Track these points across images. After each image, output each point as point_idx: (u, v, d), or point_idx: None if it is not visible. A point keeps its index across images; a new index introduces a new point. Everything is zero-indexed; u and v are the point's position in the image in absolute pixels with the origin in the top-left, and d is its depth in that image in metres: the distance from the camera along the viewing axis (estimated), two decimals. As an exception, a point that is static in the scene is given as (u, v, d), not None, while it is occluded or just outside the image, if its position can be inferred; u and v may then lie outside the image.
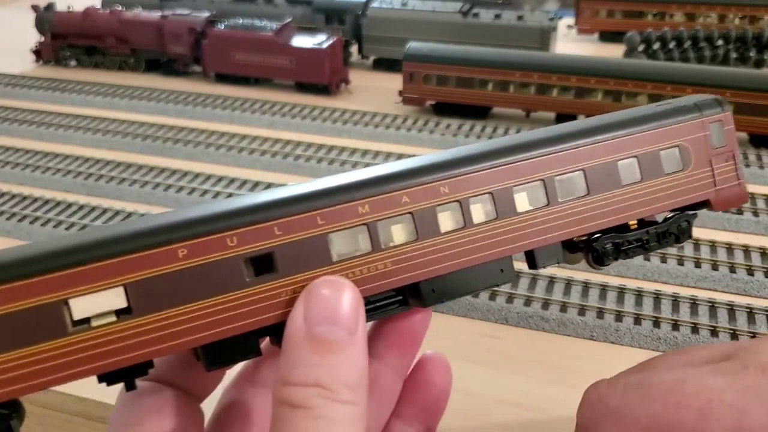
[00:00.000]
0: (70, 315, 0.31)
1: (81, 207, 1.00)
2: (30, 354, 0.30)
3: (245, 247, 0.33)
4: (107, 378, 0.32)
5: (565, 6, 2.39)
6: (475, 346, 0.71)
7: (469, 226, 0.37)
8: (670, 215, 0.45)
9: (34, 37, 1.59)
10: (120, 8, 1.55)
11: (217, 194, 1.03)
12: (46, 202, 1.02)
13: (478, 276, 0.38)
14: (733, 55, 1.49)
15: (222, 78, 1.46)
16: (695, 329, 0.72)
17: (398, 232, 0.36)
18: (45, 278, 0.30)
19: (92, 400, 0.66)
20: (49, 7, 1.58)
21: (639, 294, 0.78)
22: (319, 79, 1.38)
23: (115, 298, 0.31)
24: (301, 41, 1.40)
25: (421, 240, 0.36)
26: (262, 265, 0.33)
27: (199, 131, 1.24)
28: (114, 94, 1.41)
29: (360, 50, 1.57)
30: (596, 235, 0.42)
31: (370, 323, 0.39)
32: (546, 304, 0.75)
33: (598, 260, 0.42)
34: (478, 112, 1.27)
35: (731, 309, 0.75)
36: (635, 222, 0.42)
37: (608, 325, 0.73)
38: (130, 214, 0.98)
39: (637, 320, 0.73)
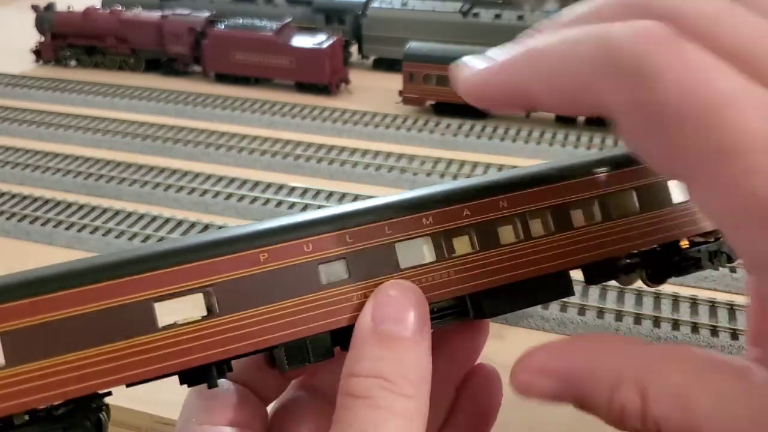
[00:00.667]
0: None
1: (81, 207, 1.00)
2: (120, 349, 0.32)
3: (320, 253, 0.35)
4: (188, 377, 0.34)
5: (564, 6, 2.39)
6: (476, 345, 0.71)
7: (528, 239, 0.38)
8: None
9: (34, 37, 1.59)
10: (120, 8, 1.55)
11: (217, 194, 1.04)
12: (46, 201, 1.02)
13: (537, 289, 0.39)
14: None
15: (222, 78, 1.46)
16: (695, 329, 0.72)
17: (460, 244, 0.37)
18: (136, 278, 0.33)
19: (92, 400, 0.66)
20: (49, 7, 1.58)
21: (639, 293, 0.78)
22: (319, 79, 1.38)
23: (198, 300, 0.34)
24: (301, 41, 1.40)
25: (482, 251, 0.37)
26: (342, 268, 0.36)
27: (199, 131, 1.24)
28: (114, 94, 1.41)
29: (360, 50, 1.57)
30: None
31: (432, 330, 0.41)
32: (546, 304, 0.75)
33: (653, 278, 0.42)
34: (478, 112, 1.28)
35: (731, 309, 0.75)
36: (686, 242, 0.42)
37: (608, 324, 0.73)
38: (130, 214, 0.98)
39: (637, 320, 0.74)
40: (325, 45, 1.37)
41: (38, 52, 1.59)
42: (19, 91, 1.44)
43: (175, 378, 0.34)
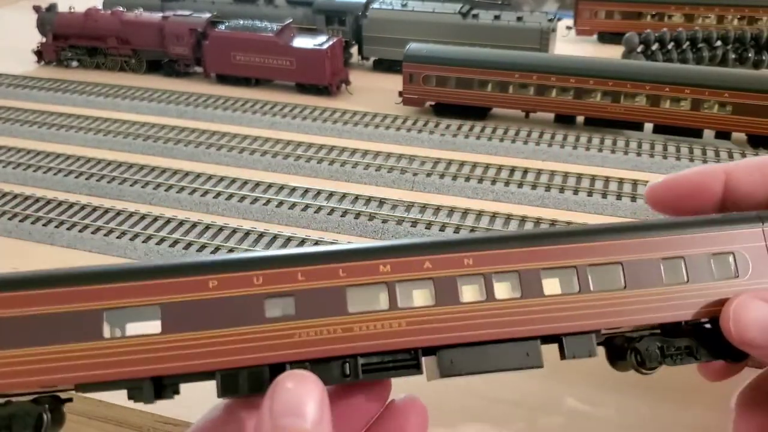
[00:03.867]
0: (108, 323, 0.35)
1: (82, 207, 1.01)
2: (72, 350, 0.34)
3: (269, 286, 0.36)
4: (133, 391, 0.35)
5: (564, 7, 2.39)
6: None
7: (491, 300, 0.37)
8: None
9: (35, 38, 1.59)
10: (121, 9, 1.55)
11: (218, 195, 1.04)
12: (48, 202, 1.02)
13: (501, 355, 0.38)
14: (732, 55, 1.50)
15: (223, 79, 1.47)
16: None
17: (418, 296, 0.37)
18: (91, 288, 0.35)
19: (93, 399, 0.66)
20: (51, 8, 1.58)
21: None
22: (320, 79, 1.39)
23: (151, 315, 0.35)
24: (302, 42, 1.41)
25: (439, 306, 0.37)
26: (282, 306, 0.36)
27: (200, 132, 1.24)
28: (115, 94, 1.42)
29: (360, 51, 1.57)
30: (641, 334, 0.40)
31: (370, 416, 0.41)
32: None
33: (642, 363, 0.41)
34: (478, 113, 1.28)
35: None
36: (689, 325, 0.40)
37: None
38: (131, 215, 0.99)
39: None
40: (325, 46, 1.38)
41: (40, 53, 1.59)
42: (21, 91, 1.45)
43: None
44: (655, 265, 0.39)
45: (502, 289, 0.38)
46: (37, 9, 1.58)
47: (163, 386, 0.36)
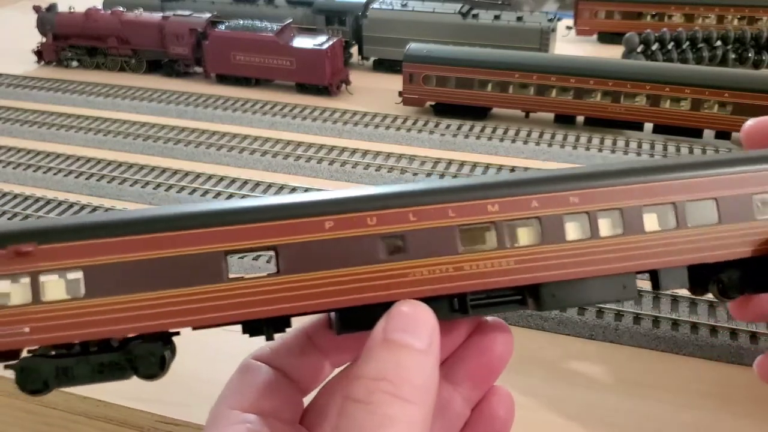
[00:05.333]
0: (227, 266, 0.35)
1: (83, 207, 1.01)
2: (190, 294, 0.35)
3: (383, 227, 0.37)
4: (251, 327, 0.36)
5: (564, 7, 2.39)
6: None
7: (595, 238, 0.39)
8: None
9: (35, 38, 1.59)
10: (121, 9, 1.55)
11: (218, 194, 1.04)
12: (48, 202, 1.02)
13: (599, 288, 0.39)
14: (732, 55, 1.50)
15: (223, 79, 1.47)
16: (694, 328, 0.73)
17: (524, 234, 0.38)
18: (212, 230, 0.35)
19: (93, 399, 0.66)
20: (51, 8, 1.58)
21: (638, 293, 0.78)
22: (320, 80, 1.39)
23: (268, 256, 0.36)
24: (302, 42, 1.41)
25: (545, 244, 0.38)
26: (395, 246, 0.37)
27: (200, 132, 1.24)
28: (115, 94, 1.42)
29: (360, 51, 1.57)
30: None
31: (457, 347, 0.42)
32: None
33: (724, 293, 0.42)
34: (478, 113, 1.28)
35: (729, 308, 0.75)
36: None
37: (607, 323, 0.73)
38: None
39: (637, 319, 0.74)
40: (325, 46, 1.38)
41: (40, 53, 1.59)
42: (21, 91, 1.44)
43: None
44: (747, 201, 0.40)
45: (606, 227, 0.39)
46: (37, 9, 1.58)
47: (275, 324, 0.37)
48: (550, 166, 1.11)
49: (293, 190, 1.05)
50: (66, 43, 1.56)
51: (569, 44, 1.67)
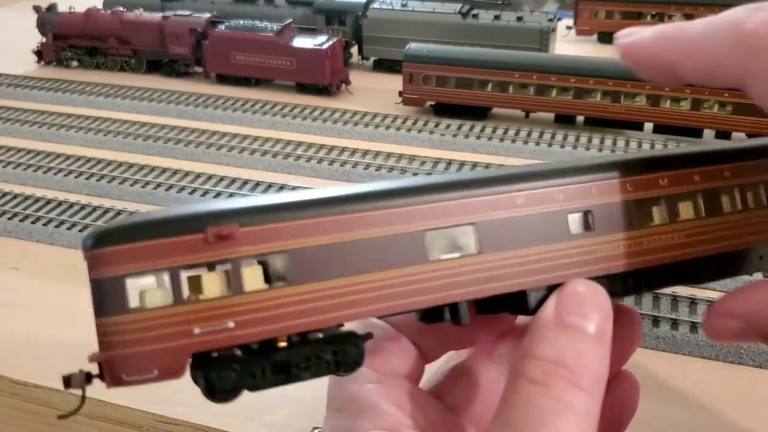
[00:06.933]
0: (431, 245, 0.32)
1: (83, 207, 1.01)
2: (388, 278, 0.31)
3: (571, 202, 0.34)
4: (431, 314, 0.33)
5: (564, 7, 2.39)
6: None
7: (746, 210, 0.39)
8: None
9: (35, 38, 1.59)
10: (121, 9, 1.55)
11: (218, 194, 1.04)
12: (48, 202, 1.02)
13: (745, 261, 0.39)
14: (732, 55, 1.49)
15: (223, 79, 1.47)
16: (694, 328, 0.73)
17: (685, 209, 0.37)
18: (410, 209, 0.32)
19: (93, 399, 0.66)
20: (51, 7, 1.58)
21: (640, 294, 0.78)
22: (320, 79, 1.39)
23: (465, 236, 0.33)
24: (302, 42, 1.41)
25: (707, 218, 0.37)
26: (585, 223, 0.35)
27: (200, 132, 1.24)
28: (115, 94, 1.42)
29: (360, 51, 1.57)
30: None
31: None
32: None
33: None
34: (478, 113, 1.28)
35: (729, 308, 0.75)
36: None
37: (607, 323, 0.73)
38: (131, 214, 0.98)
39: (636, 319, 0.74)
40: (325, 46, 1.37)
41: (40, 53, 1.59)
42: (21, 91, 1.44)
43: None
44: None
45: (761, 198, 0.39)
46: (37, 9, 1.58)
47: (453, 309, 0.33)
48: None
49: (293, 189, 1.05)
50: (66, 43, 1.56)
51: (569, 44, 1.66)
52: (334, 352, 0.31)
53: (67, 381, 0.29)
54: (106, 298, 0.28)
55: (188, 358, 0.29)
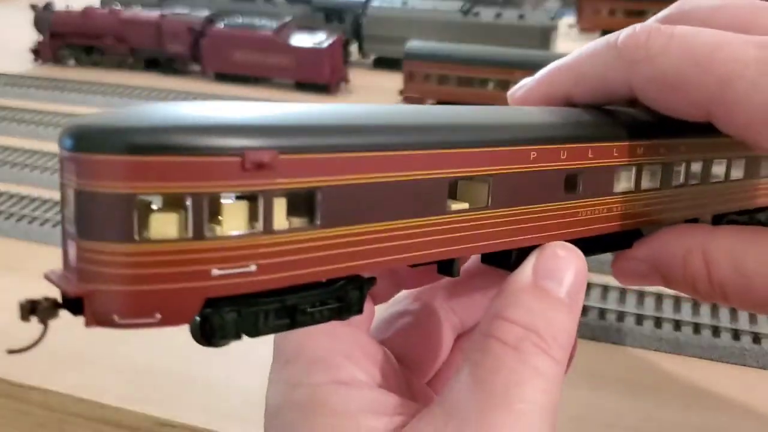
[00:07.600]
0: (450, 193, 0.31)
1: (80, 207, 1.00)
2: (409, 227, 0.29)
3: (570, 162, 0.34)
4: (445, 265, 0.32)
5: (566, 5, 2.39)
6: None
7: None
8: None
9: (32, 37, 1.59)
10: (119, 7, 1.55)
11: (216, 194, 1.03)
12: (45, 201, 1.01)
13: None
14: (734, 53, 1.49)
15: (221, 77, 1.46)
16: (697, 329, 0.72)
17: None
18: (434, 153, 0.29)
19: (90, 401, 0.66)
20: (48, 6, 1.58)
21: (641, 294, 0.77)
22: (319, 78, 1.38)
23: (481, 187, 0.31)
24: (301, 40, 1.40)
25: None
26: (571, 184, 0.35)
27: (199, 130, 1.23)
28: (113, 93, 1.41)
29: (360, 49, 1.57)
30: None
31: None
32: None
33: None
34: (479, 111, 1.27)
35: (733, 309, 0.74)
36: None
37: (609, 325, 0.72)
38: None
39: (639, 320, 0.73)
40: (324, 44, 1.37)
41: (37, 52, 1.58)
42: (18, 90, 1.44)
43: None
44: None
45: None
46: (33, 7, 1.57)
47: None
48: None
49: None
50: (63, 41, 1.56)
51: (571, 42, 1.66)
52: (338, 298, 0.28)
53: (31, 308, 0.25)
54: (104, 218, 0.23)
55: (201, 303, 0.24)
